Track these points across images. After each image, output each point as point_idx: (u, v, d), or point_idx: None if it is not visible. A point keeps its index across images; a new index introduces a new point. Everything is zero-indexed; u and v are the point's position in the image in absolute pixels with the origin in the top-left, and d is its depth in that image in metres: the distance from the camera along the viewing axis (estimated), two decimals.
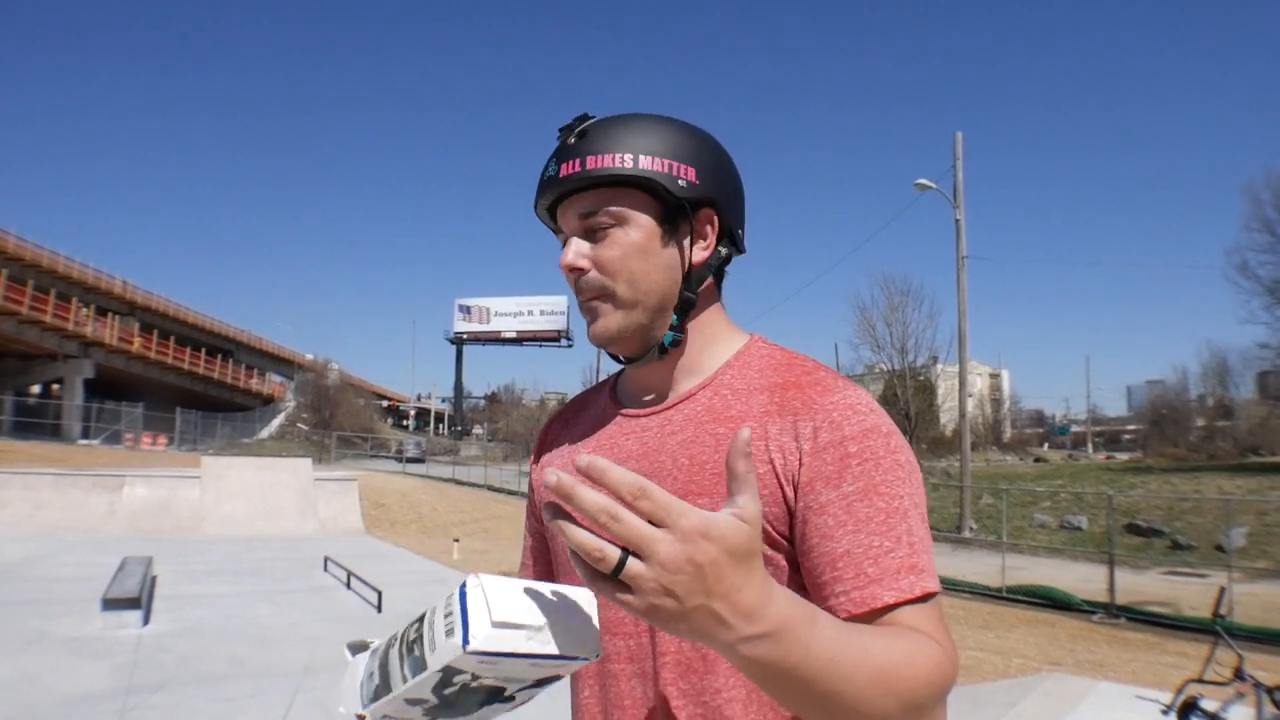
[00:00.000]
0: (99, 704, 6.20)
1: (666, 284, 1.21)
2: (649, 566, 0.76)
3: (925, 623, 1.00)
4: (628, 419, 1.29)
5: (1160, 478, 29.69)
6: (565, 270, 1.22)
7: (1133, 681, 8.17)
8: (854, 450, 1.07)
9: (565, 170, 1.18)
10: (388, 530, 20.90)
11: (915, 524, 1.06)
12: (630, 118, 1.21)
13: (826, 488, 1.07)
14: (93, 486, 18.07)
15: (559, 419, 1.47)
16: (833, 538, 1.05)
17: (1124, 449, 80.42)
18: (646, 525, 0.76)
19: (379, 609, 9.91)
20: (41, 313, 44.33)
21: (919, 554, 1.04)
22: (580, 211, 1.20)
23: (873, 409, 1.12)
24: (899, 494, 1.06)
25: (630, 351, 1.25)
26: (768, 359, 1.23)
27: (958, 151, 24.62)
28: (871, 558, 1.02)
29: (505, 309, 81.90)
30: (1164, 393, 66.34)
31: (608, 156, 1.16)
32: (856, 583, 1.02)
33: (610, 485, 0.76)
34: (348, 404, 69.08)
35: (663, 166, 1.17)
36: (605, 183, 1.18)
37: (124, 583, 9.30)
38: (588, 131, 1.19)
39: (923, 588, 1.02)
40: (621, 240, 1.19)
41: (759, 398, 1.17)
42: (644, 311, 1.21)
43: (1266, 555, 19.09)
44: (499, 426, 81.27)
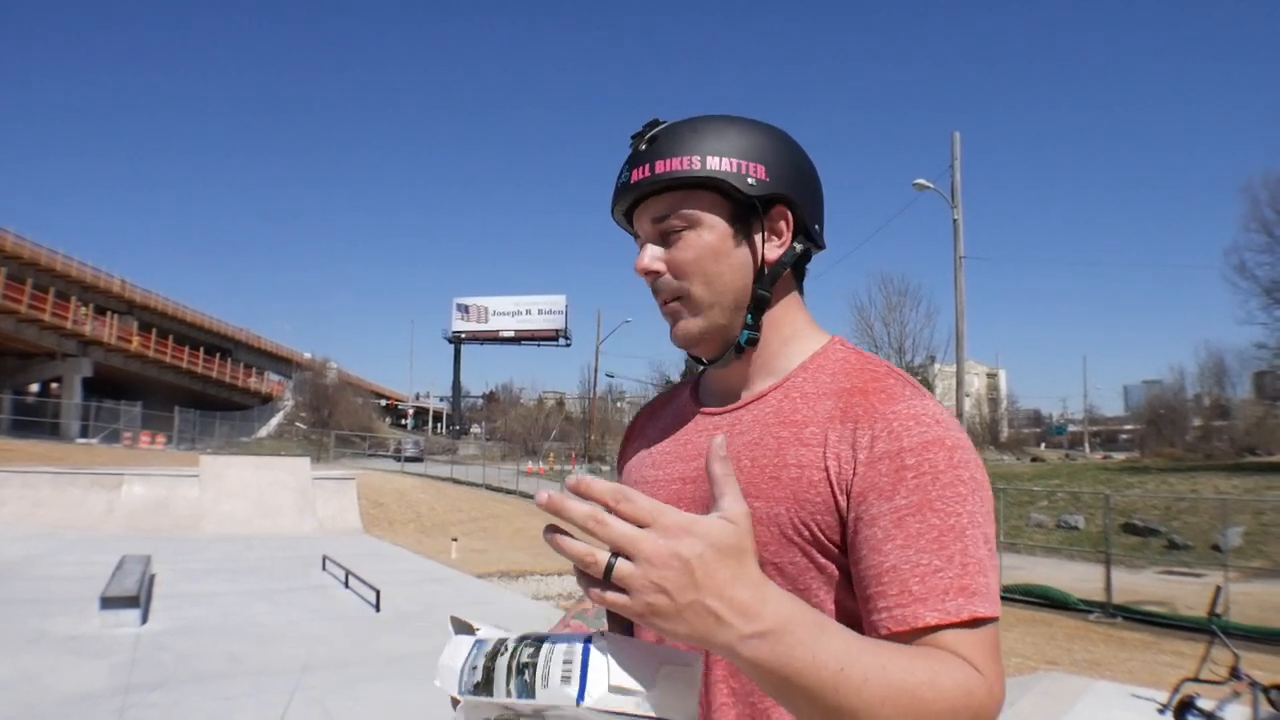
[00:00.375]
0: (97, 703, 6.20)
1: (741, 283, 1.21)
2: (637, 565, 0.80)
3: (970, 648, 0.96)
4: (704, 417, 1.30)
5: (1157, 477, 29.72)
6: (640, 274, 1.24)
7: (1129, 680, 8.19)
8: (911, 463, 1.04)
9: (636, 176, 1.20)
10: (386, 529, 20.90)
11: (972, 544, 1.01)
12: (700, 120, 1.22)
13: (879, 499, 1.04)
14: (91, 485, 18.05)
15: (646, 412, 1.50)
16: (880, 551, 1.02)
17: (1121, 449, 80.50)
18: (630, 526, 0.80)
19: (377, 608, 9.92)
20: (40, 311, 44.31)
21: (971, 575, 0.99)
22: (653, 216, 1.22)
23: (939, 420, 1.08)
24: (956, 511, 1.02)
25: (711, 352, 1.26)
26: (842, 362, 1.21)
27: (955, 151, 24.63)
28: (918, 575, 0.99)
29: (503, 308, 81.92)
30: (1161, 393, 66.45)
31: (676, 160, 1.17)
32: (900, 600, 0.99)
33: (595, 496, 0.81)
34: (346, 403, 69.09)
35: (731, 166, 1.18)
36: (676, 186, 1.19)
37: (122, 581, 9.30)
38: (658, 137, 1.20)
39: (970, 612, 0.97)
40: (695, 242, 1.20)
41: (826, 402, 1.15)
42: (721, 311, 1.22)
43: (1262, 555, 19.12)
44: (497, 426, 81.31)
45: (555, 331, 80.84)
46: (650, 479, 1.31)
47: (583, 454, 61.32)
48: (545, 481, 38.05)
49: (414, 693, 6.76)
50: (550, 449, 63.79)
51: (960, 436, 1.07)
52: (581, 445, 65.54)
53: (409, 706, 6.40)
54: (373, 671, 7.41)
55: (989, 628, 0.99)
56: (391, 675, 7.32)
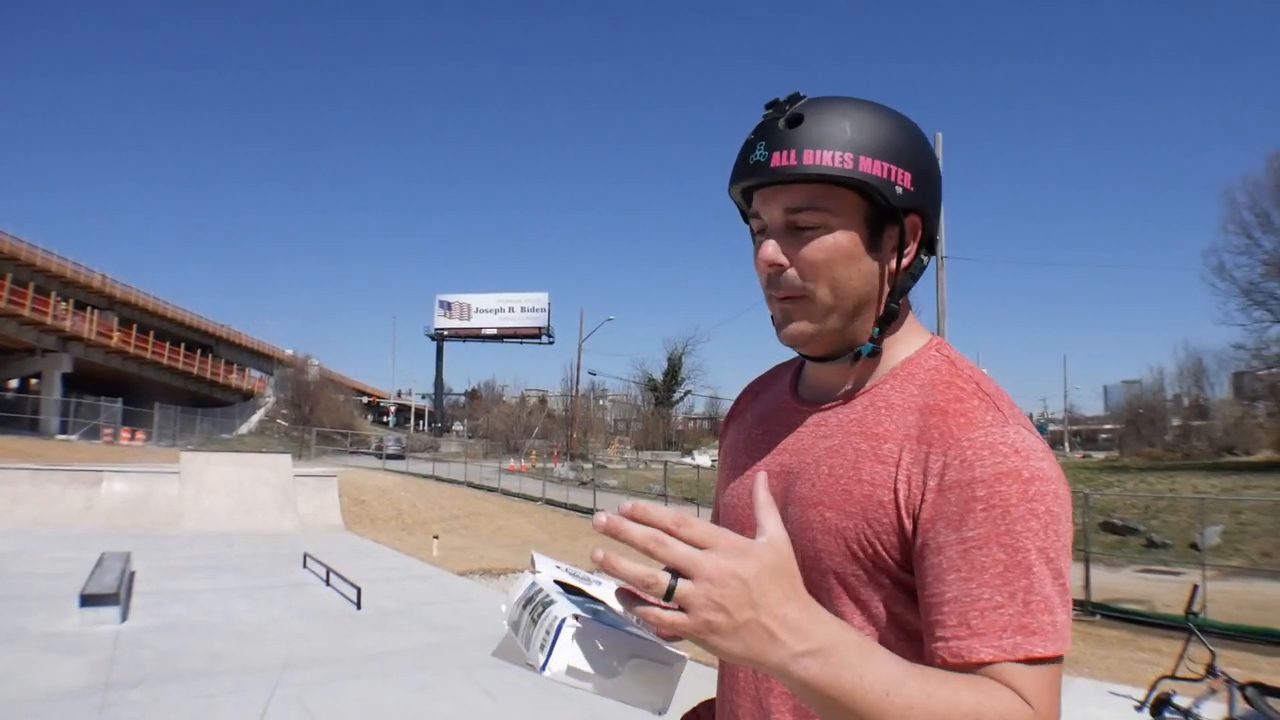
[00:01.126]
0: (77, 700, 6.17)
1: (866, 291, 1.17)
2: (697, 584, 0.83)
3: (1024, 683, 0.95)
4: (796, 410, 1.28)
5: (1136, 477, 29.98)
6: (763, 264, 1.17)
7: (1107, 678, 8.24)
8: (981, 494, 1.01)
9: (778, 160, 1.12)
10: (367, 527, 20.83)
11: (1039, 581, 0.99)
12: (848, 106, 1.15)
13: (947, 529, 1.02)
14: (70, 482, 17.92)
15: (751, 391, 1.48)
16: (944, 581, 1.01)
17: (1101, 448, 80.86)
18: (690, 548, 0.84)
19: (358, 605, 9.89)
20: (20, 306, 44.08)
21: (1034, 614, 0.98)
22: (787, 205, 1.15)
23: (1017, 450, 1.04)
24: (1025, 547, 0.99)
25: (820, 353, 1.22)
26: (932, 372, 1.17)
27: (938, 151, 24.74)
28: (978, 610, 0.98)
29: (486, 305, 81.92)
30: (1140, 393, 66.72)
31: (827, 154, 1.11)
32: (958, 632, 0.98)
33: (654, 521, 0.85)
34: (327, 400, 68.88)
35: (882, 171, 1.12)
36: (817, 179, 1.13)
37: (102, 579, 9.25)
38: (802, 117, 1.13)
39: (1027, 651, 0.96)
40: (828, 243, 1.14)
41: (910, 418, 1.12)
42: (839, 317, 1.18)
43: (1240, 553, 19.30)
44: (479, 423, 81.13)
45: (538, 329, 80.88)
46: (742, 466, 1.32)
47: (565, 452, 61.29)
48: (527, 479, 38.04)
49: (394, 690, 6.76)
50: (533, 447, 63.70)
51: (1041, 467, 1.03)
52: (564, 443, 65.52)
53: (389, 704, 6.39)
54: (353, 669, 7.39)
55: (1050, 667, 0.98)
56: (372, 673, 7.31)
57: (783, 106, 1.15)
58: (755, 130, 1.17)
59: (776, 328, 1.22)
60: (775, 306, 1.21)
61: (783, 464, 1.23)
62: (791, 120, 1.13)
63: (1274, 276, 35.35)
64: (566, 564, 1.12)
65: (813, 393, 1.29)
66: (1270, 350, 36.80)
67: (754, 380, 1.50)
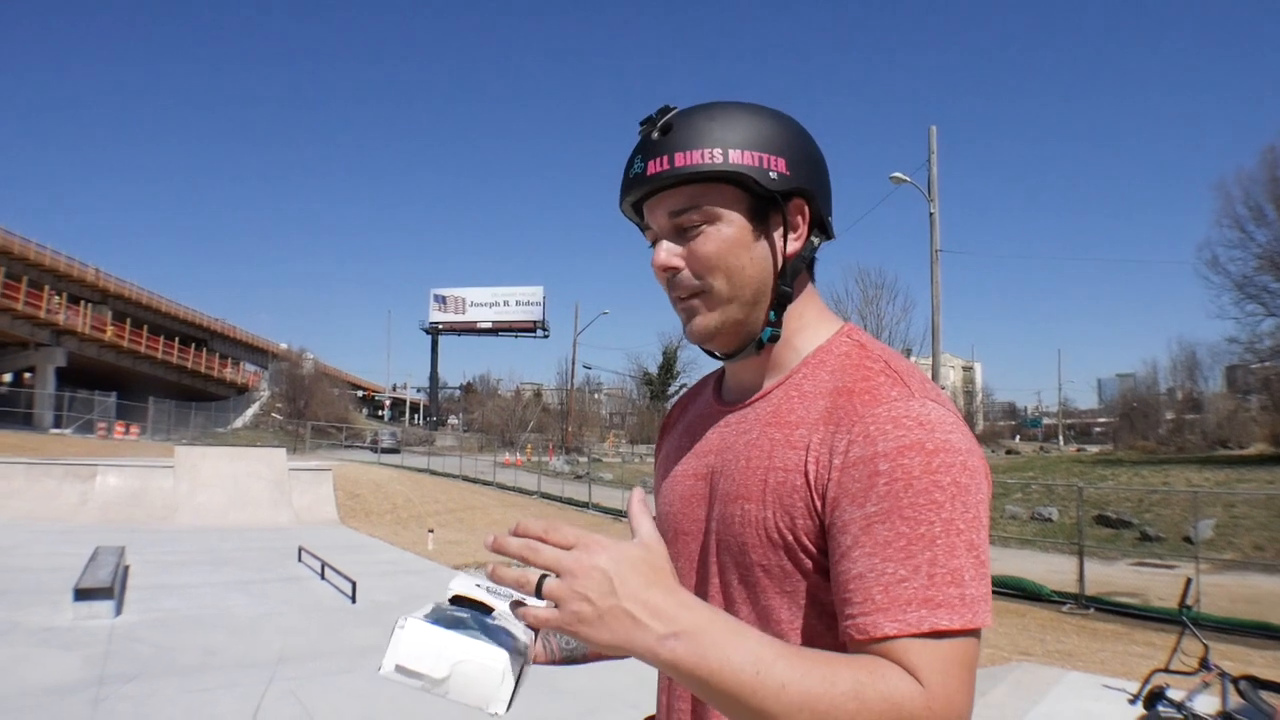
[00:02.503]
0: (71, 694, 6.17)
1: (761, 278, 1.19)
2: (562, 579, 0.94)
3: (924, 660, 0.94)
4: (718, 411, 1.30)
5: (1130, 470, 30.01)
6: (659, 270, 1.20)
7: (1101, 671, 8.27)
8: (884, 468, 1.01)
9: (653, 168, 1.16)
10: (362, 521, 20.83)
11: (944, 553, 0.97)
12: (715, 108, 1.18)
13: (851, 506, 1.02)
14: (65, 476, 17.92)
15: (682, 402, 1.50)
16: (849, 558, 1.00)
17: (1094, 441, 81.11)
18: (557, 550, 0.95)
19: (353, 599, 9.90)
20: (13, 300, 43.92)
21: (939, 586, 0.96)
22: (670, 209, 1.18)
23: (922, 423, 1.03)
24: (929, 519, 0.98)
25: (728, 347, 1.24)
26: (843, 357, 1.18)
27: (932, 145, 24.70)
28: (882, 585, 0.97)
29: (481, 299, 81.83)
30: (1134, 386, 67.02)
31: (696, 153, 1.14)
32: (863, 609, 0.98)
33: (528, 533, 0.98)
34: (322, 394, 68.73)
35: (753, 160, 1.15)
36: (695, 179, 1.15)
37: (96, 573, 9.25)
38: (672, 125, 1.16)
39: (932, 624, 0.95)
40: (715, 236, 1.17)
41: (820, 403, 1.13)
42: (740, 306, 1.19)
43: (1233, 547, 19.33)
44: (474, 417, 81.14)
45: (533, 323, 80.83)
46: (672, 474, 1.33)
47: (560, 445, 61.29)
48: (523, 473, 38.04)
49: (389, 684, 6.74)
50: (527, 440, 63.73)
51: (949, 439, 1.03)
52: (559, 436, 65.52)
53: (384, 698, 6.39)
54: (348, 663, 7.39)
55: (957, 641, 0.96)
56: (367, 667, 7.30)
57: (654, 121, 1.18)
58: (634, 148, 1.20)
59: (684, 329, 1.24)
60: (679, 308, 1.23)
61: (709, 465, 1.24)
62: (664, 129, 1.17)
63: (1267, 270, 35.35)
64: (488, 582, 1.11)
65: (734, 393, 1.30)
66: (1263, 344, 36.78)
67: (683, 393, 1.53)
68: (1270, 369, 39.38)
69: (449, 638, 1.00)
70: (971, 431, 1.10)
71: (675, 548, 1.26)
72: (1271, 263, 35.14)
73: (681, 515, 1.26)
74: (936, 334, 24.97)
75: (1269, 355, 37.38)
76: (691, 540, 1.24)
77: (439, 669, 0.99)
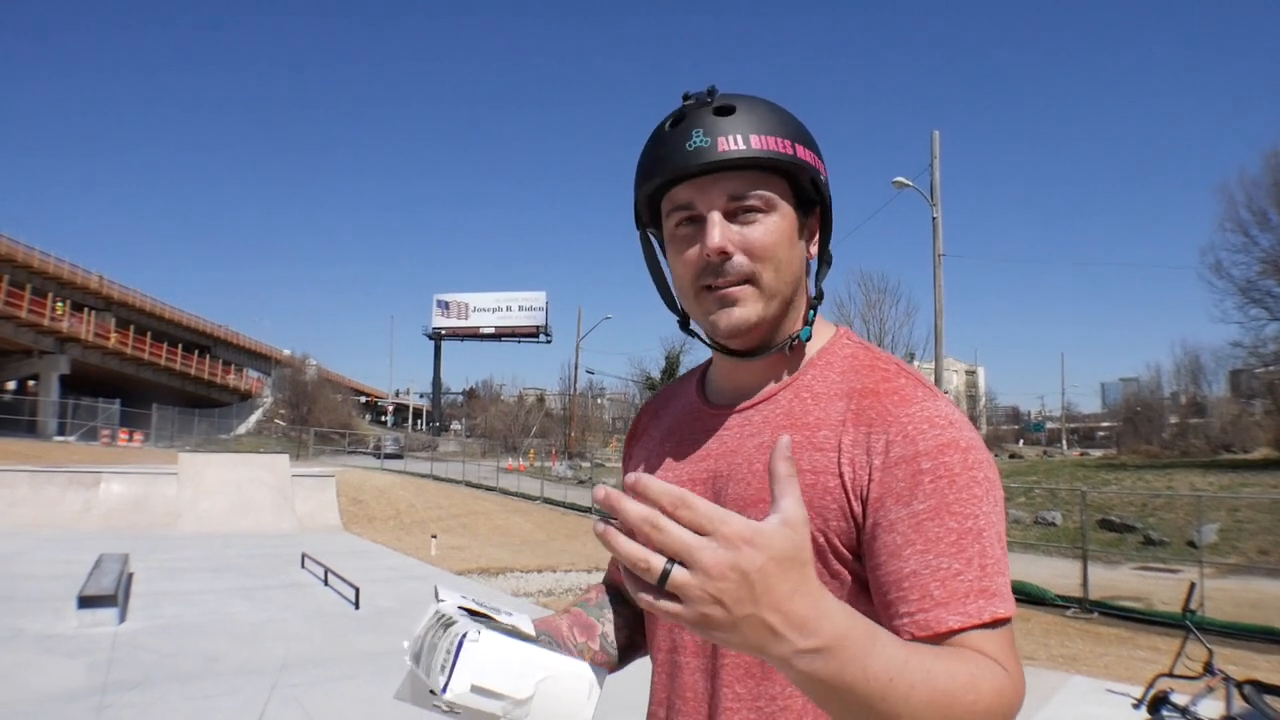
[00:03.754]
0: (75, 702, 6.17)
1: (799, 275, 1.20)
2: (694, 574, 0.75)
3: (993, 648, 0.97)
4: (712, 414, 1.28)
5: (1133, 474, 29.92)
6: (713, 254, 1.14)
7: (1105, 676, 8.25)
8: (927, 466, 1.03)
9: (724, 145, 1.11)
10: (365, 527, 20.83)
11: (989, 545, 1.01)
12: (769, 102, 1.18)
13: (897, 505, 1.03)
14: (68, 483, 17.91)
15: (650, 409, 1.48)
16: (900, 557, 1.02)
17: (1098, 446, 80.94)
18: (689, 533, 0.76)
19: (356, 605, 9.89)
20: (17, 308, 44.00)
21: (990, 577, 1.00)
22: (732, 192, 1.14)
23: (952, 422, 1.07)
24: (973, 513, 1.02)
25: (755, 343, 1.21)
26: (850, 360, 1.19)
27: (935, 150, 24.73)
28: (939, 580, 0.99)
29: (484, 304, 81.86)
30: (1138, 390, 66.81)
31: (773, 139, 1.13)
32: (922, 605, 0.99)
33: (651, 497, 0.77)
34: (325, 400, 68.83)
35: (812, 159, 1.17)
36: (762, 165, 1.14)
37: (100, 580, 9.25)
38: (734, 107, 1.14)
39: (992, 613, 0.98)
40: (773, 225, 1.15)
41: (838, 404, 1.13)
42: (780, 303, 1.19)
43: (1237, 551, 19.28)
44: (477, 422, 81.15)
45: (535, 328, 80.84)
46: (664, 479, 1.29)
47: (563, 450, 61.28)
48: (526, 478, 38.01)
49: (392, 691, 6.74)
50: (531, 445, 63.69)
51: (973, 437, 1.07)
52: (562, 441, 65.50)
53: (387, 704, 6.37)
54: (351, 669, 7.39)
55: (1008, 627, 1.00)
56: (370, 673, 7.31)
57: (704, 98, 1.15)
58: (676, 121, 1.16)
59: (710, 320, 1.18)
60: (710, 299, 1.17)
61: (709, 469, 1.23)
62: (722, 110, 1.13)
63: (1271, 274, 35.27)
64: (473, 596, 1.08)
65: (727, 395, 1.28)
66: (1267, 348, 36.67)
67: (649, 401, 1.50)
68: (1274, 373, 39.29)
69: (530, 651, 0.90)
70: None
71: None
72: (1275, 267, 35.06)
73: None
74: (939, 338, 24.99)
75: (1273, 359, 37.30)
76: None
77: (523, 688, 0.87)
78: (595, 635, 1.36)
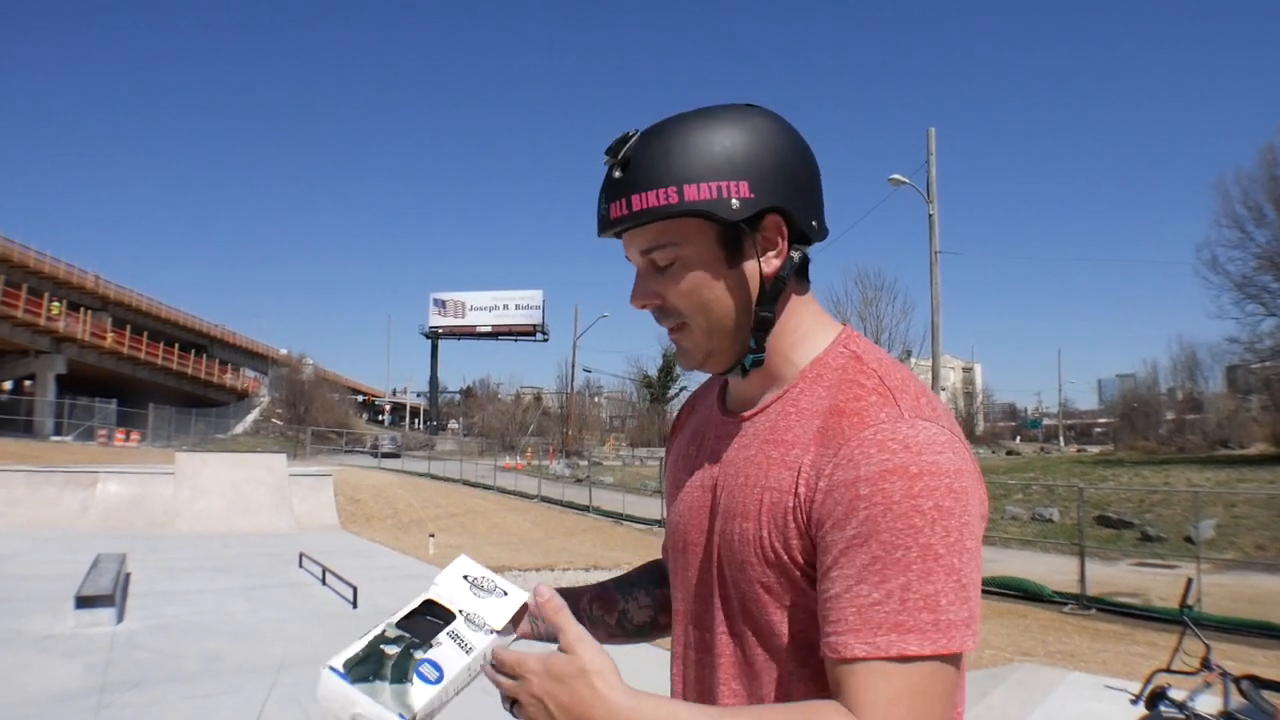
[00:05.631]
0: (73, 702, 6.17)
1: (741, 303, 1.17)
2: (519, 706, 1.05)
3: (885, 689, 0.96)
4: (721, 421, 1.29)
5: (1130, 470, 29.99)
6: (637, 307, 1.21)
7: (1103, 671, 8.26)
8: (864, 492, 1.01)
9: (615, 211, 1.14)
10: (363, 526, 20.82)
11: (917, 579, 0.97)
12: (669, 134, 1.13)
13: (834, 529, 1.03)
14: (65, 483, 17.90)
15: (689, 404, 1.50)
16: (829, 578, 1.02)
17: (1095, 442, 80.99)
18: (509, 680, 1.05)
19: (354, 605, 9.89)
20: (13, 308, 43.94)
21: (911, 612, 0.97)
22: (640, 248, 1.17)
23: (908, 446, 1.02)
24: (905, 544, 0.98)
25: (723, 368, 1.23)
26: (839, 372, 1.16)
27: (931, 147, 24.73)
28: (855, 607, 0.99)
29: (480, 303, 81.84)
30: (1135, 386, 67.07)
31: (651, 194, 1.11)
32: (836, 628, 1.00)
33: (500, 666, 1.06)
34: (323, 399, 68.81)
35: (710, 192, 1.10)
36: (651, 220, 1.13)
37: (97, 580, 9.24)
38: (629, 159, 1.13)
39: (900, 649, 0.96)
40: (686, 274, 1.15)
41: (814, 422, 1.12)
42: (722, 337, 1.18)
43: (1234, 546, 19.32)
44: (475, 421, 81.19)
45: (532, 326, 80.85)
46: (681, 482, 1.33)
47: (560, 449, 61.28)
48: (523, 477, 37.99)
49: None
50: (528, 444, 63.69)
51: (936, 460, 1.02)
52: (559, 440, 65.50)
53: None
54: None
55: (924, 666, 0.97)
56: None
57: (617, 151, 1.15)
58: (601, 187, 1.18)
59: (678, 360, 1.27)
60: (669, 337, 1.24)
61: (712, 477, 1.24)
62: (623, 164, 1.14)
63: (1267, 270, 35.35)
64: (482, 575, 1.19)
65: (736, 403, 1.29)
66: (1263, 343, 36.76)
67: (693, 393, 1.52)
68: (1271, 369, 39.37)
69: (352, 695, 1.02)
70: (968, 444, 1.10)
71: (685, 558, 1.27)
72: (1271, 262, 35.15)
73: (689, 526, 1.27)
74: (936, 335, 25.01)
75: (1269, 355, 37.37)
76: (699, 551, 1.24)
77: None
78: (614, 610, 1.48)
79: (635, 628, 1.48)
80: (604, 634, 1.44)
